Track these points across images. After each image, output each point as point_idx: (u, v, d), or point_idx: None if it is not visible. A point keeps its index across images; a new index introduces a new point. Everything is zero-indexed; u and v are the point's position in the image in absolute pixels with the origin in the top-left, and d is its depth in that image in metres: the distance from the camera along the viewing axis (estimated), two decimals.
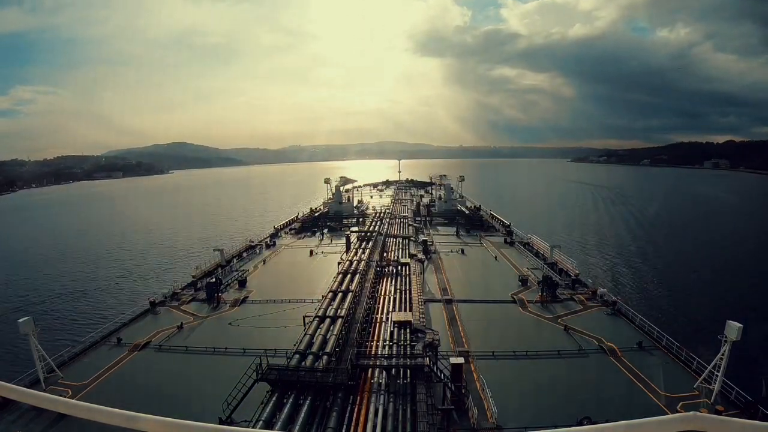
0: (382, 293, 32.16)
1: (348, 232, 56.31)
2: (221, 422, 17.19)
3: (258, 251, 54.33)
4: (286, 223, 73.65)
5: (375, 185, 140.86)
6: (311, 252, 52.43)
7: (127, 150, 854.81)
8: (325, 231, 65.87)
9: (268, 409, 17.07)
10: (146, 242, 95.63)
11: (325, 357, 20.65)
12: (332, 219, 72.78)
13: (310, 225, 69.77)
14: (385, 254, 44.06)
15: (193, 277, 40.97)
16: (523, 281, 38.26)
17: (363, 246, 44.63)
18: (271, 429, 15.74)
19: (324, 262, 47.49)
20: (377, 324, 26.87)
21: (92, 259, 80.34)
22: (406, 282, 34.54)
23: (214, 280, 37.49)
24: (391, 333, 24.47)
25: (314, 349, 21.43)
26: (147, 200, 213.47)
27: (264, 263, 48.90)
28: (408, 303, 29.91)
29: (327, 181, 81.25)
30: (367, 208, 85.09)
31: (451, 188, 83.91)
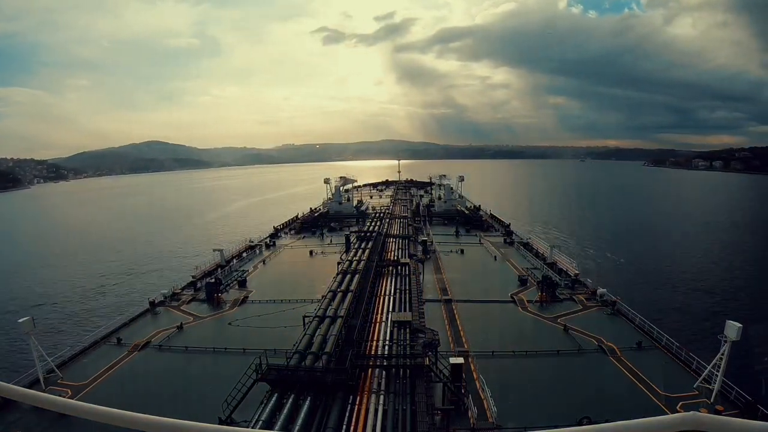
0: (382, 293, 32.12)
1: (348, 232, 56.34)
2: (221, 422, 17.18)
3: (258, 251, 54.35)
4: (286, 223, 73.73)
5: (375, 185, 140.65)
6: (311, 252, 52.45)
7: (102, 150, 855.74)
8: (325, 231, 65.98)
9: (267, 409, 17.04)
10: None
11: (324, 357, 20.63)
12: (332, 219, 72.82)
13: (309, 225, 69.85)
14: (384, 254, 44.05)
15: (193, 277, 40.92)
16: (523, 281, 38.29)
17: (363, 246, 44.55)
18: (271, 429, 15.71)
19: (324, 262, 47.46)
20: (377, 324, 26.82)
21: (92, 260, 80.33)
22: (405, 282, 34.47)
23: (213, 280, 37.53)
24: (391, 333, 24.47)
25: (314, 348, 21.40)
26: None
27: (264, 263, 48.91)
28: (407, 303, 29.89)
29: (327, 181, 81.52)
30: (366, 208, 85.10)
31: (451, 188, 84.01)
